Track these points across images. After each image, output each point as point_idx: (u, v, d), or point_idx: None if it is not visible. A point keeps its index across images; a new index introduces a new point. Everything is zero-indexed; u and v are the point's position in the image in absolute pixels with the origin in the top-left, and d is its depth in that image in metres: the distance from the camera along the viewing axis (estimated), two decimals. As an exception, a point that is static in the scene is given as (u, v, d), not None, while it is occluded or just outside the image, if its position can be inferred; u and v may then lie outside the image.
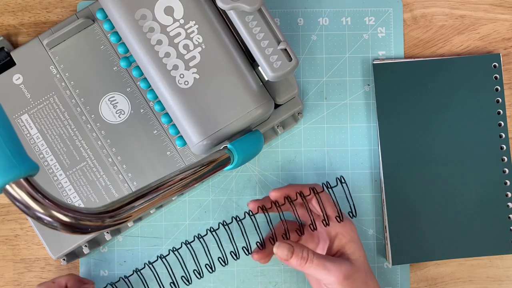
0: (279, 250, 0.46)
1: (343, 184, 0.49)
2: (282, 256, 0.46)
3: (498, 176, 0.56)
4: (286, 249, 0.46)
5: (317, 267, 0.46)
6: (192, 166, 0.42)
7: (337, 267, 0.46)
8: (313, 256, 0.46)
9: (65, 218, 0.32)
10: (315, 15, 0.58)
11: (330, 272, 0.46)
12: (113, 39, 0.51)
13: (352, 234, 0.49)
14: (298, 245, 0.47)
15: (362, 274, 0.48)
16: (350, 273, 0.46)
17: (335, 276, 0.45)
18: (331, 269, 0.46)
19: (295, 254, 0.46)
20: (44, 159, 0.52)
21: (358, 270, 0.47)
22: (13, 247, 0.56)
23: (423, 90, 0.56)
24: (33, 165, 0.31)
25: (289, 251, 0.46)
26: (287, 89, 0.50)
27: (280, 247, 0.46)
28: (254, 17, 0.44)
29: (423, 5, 0.58)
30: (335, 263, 0.46)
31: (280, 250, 0.46)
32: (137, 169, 0.52)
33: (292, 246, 0.46)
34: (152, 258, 0.56)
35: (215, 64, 0.46)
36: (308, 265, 0.46)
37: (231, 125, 0.46)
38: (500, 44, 0.58)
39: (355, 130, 0.57)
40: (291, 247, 0.46)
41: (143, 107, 0.52)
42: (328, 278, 0.46)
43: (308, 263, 0.46)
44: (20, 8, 0.57)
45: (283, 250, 0.46)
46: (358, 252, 0.48)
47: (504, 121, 0.57)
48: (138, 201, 0.37)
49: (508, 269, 0.57)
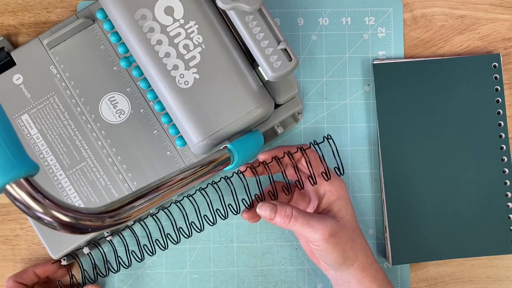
0: (262, 210, 0.47)
1: (329, 140, 0.49)
2: (265, 215, 0.46)
3: (498, 176, 0.56)
4: (269, 208, 0.46)
5: (301, 225, 0.46)
6: (192, 166, 0.42)
7: (322, 224, 0.46)
8: (297, 214, 0.46)
9: (65, 218, 0.32)
10: (315, 15, 0.58)
11: (315, 229, 0.45)
12: (113, 39, 0.51)
13: (341, 192, 0.48)
14: (281, 204, 0.47)
15: (349, 232, 0.47)
16: (336, 230, 0.46)
17: (320, 233, 0.45)
18: (315, 226, 0.45)
19: (278, 213, 0.46)
20: (44, 159, 0.52)
21: (344, 227, 0.47)
22: (13, 247, 0.56)
23: (423, 90, 0.56)
24: (33, 165, 0.31)
25: (272, 210, 0.46)
26: (287, 89, 0.50)
27: (262, 207, 0.47)
28: (254, 17, 0.44)
29: (423, 5, 0.58)
30: (320, 220, 0.46)
31: (263, 210, 0.46)
32: (137, 169, 0.52)
33: (275, 205, 0.46)
34: (152, 258, 0.56)
35: (215, 64, 0.46)
36: (292, 223, 0.46)
37: (231, 125, 0.46)
38: (500, 44, 0.58)
39: (355, 130, 0.57)
40: (274, 206, 0.46)
41: (143, 107, 0.52)
42: (313, 235, 0.46)
43: (293, 221, 0.46)
44: (20, 8, 0.57)
45: (266, 210, 0.46)
46: (345, 209, 0.48)
47: (504, 121, 0.57)
48: (138, 201, 0.37)
49: (508, 269, 0.57)
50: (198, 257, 0.56)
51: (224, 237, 0.56)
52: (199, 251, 0.56)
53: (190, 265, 0.56)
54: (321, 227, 0.45)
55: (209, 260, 0.56)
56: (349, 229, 0.47)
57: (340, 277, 0.49)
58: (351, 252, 0.47)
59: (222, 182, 0.49)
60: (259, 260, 0.56)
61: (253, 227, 0.56)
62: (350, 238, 0.47)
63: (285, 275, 0.56)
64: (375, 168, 0.57)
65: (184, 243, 0.56)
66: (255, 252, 0.56)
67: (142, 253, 0.52)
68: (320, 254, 0.47)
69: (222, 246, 0.56)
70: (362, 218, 0.57)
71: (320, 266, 0.52)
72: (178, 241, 0.51)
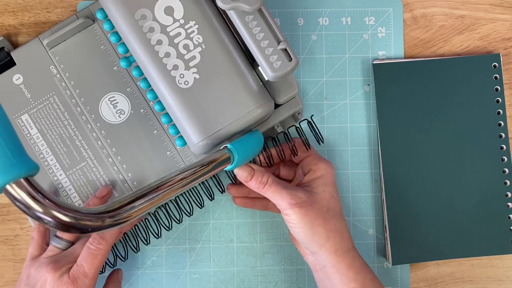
0: (240, 171, 0.48)
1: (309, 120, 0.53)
2: (242, 177, 0.48)
3: (498, 176, 0.56)
4: (247, 171, 0.48)
5: (273, 192, 0.47)
6: (192, 166, 0.42)
7: (291, 194, 0.47)
8: (272, 182, 0.47)
9: (65, 218, 0.32)
10: (315, 15, 0.58)
11: (283, 197, 0.47)
12: (113, 39, 0.51)
13: (324, 173, 0.50)
14: (260, 170, 0.48)
15: (321, 208, 0.48)
16: (304, 202, 0.47)
17: (286, 201, 0.47)
18: (284, 195, 0.47)
19: (254, 177, 0.48)
20: (44, 159, 0.52)
21: (316, 202, 0.48)
22: (13, 247, 0.56)
23: (423, 90, 0.56)
24: (33, 165, 0.31)
25: (249, 174, 0.48)
26: (287, 89, 0.50)
27: (241, 168, 0.48)
28: (254, 17, 0.44)
29: (423, 5, 0.58)
30: (291, 190, 0.47)
31: (241, 171, 0.48)
32: (137, 169, 0.52)
33: (253, 169, 0.48)
34: (152, 258, 0.56)
35: (215, 64, 0.46)
36: (265, 189, 0.48)
37: (231, 125, 0.46)
38: (500, 44, 0.58)
39: (355, 130, 0.57)
40: (252, 170, 0.48)
41: (143, 107, 0.52)
42: (281, 203, 0.47)
43: (266, 188, 0.47)
44: (20, 8, 0.57)
45: (244, 172, 0.48)
46: (323, 187, 0.49)
47: (504, 121, 0.57)
48: (138, 201, 0.37)
49: (508, 269, 0.57)
50: (198, 257, 0.56)
51: (224, 237, 0.56)
52: (199, 251, 0.56)
53: (190, 265, 0.56)
54: (289, 195, 0.47)
55: (209, 260, 0.56)
56: (321, 206, 0.48)
57: (316, 262, 0.49)
58: (320, 228, 0.47)
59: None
60: (259, 260, 0.56)
61: (253, 227, 0.56)
62: (320, 215, 0.48)
63: (285, 275, 0.56)
64: (375, 168, 0.57)
65: (184, 243, 0.56)
66: (255, 252, 0.56)
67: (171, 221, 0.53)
68: (290, 226, 0.48)
69: (222, 246, 0.56)
70: (362, 218, 0.57)
71: (300, 250, 0.52)
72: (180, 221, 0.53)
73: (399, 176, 0.56)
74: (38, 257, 0.49)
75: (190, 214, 0.54)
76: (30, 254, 0.50)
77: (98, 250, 0.47)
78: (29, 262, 0.49)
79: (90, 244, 0.47)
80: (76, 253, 0.48)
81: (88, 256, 0.47)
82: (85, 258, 0.47)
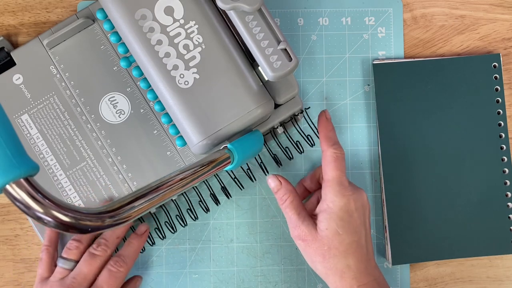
0: (270, 180, 0.50)
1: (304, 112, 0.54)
2: (270, 186, 0.50)
3: (498, 176, 0.56)
4: (274, 183, 0.50)
5: (286, 213, 0.49)
6: (192, 166, 0.42)
7: (298, 224, 0.48)
8: (289, 203, 0.49)
9: (65, 218, 0.32)
10: (315, 15, 0.58)
11: (291, 223, 0.49)
12: (113, 39, 0.51)
13: (330, 206, 0.47)
14: (285, 187, 0.49)
15: (322, 248, 0.47)
16: (306, 237, 0.48)
17: (292, 229, 0.49)
18: (293, 221, 0.48)
19: (278, 193, 0.50)
20: (44, 159, 0.52)
21: (317, 240, 0.47)
22: (13, 247, 0.56)
23: (423, 90, 0.56)
24: (33, 165, 0.31)
25: (275, 186, 0.50)
26: (287, 89, 0.50)
27: (271, 177, 0.50)
28: (254, 17, 0.44)
29: (423, 5, 0.58)
30: (300, 219, 0.48)
31: (271, 181, 0.50)
32: (137, 169, 0.52)
33: (280, 184, 0.50)
34: (152, 258, 0.56)
35: (215, 64, 0.46)
36: (283, 206, 0.49)
37: (231, 125, 0.46)
38: (500, 44, 0.58)
39: (355, 130, 0.57)
40: (279, 185, 0.50)
41: (143, 107, 0.52)
42: (289, 226, 0.49)
43: (283, 206, 0.49)
44: (20, 8, 0.57)
45: (272, 183, 0.50)
46: (327, 223, 0.47)
47: (504, 121, 0.57)
48: (138, 201, 0.37)
49: (508, 269, 0.57)
50: (198, 257, 0.56)
51: (224, 237, 0.56)
52: (199, 251, 0.56)
53: (190, 265, 0.56)
54: (296, 226, 0.48)
55: (209, 260, 0.56)
56: (321, 244, 0.47)
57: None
58: (319, 265, 0.48)
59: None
60: (259, 260, 0.56)
61: (253, 227, 0.56)
62: (319, 253, 0.47)
63: (285, 275, 0.56)
64: (375, 168, 0.57)
65: (184, 243, 0.56)
66: (255, 252, 0.56)
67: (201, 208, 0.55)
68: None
69: (222, 246, 0.56)
70: (362, 218, 0.57)
71: None
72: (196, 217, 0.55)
73: (399, 176, 0.56)
74: (47, 279, 0.50)
75: (195, 218, 0.55)
76: (39, 276, 0.50)
77: (119, 273, 0.50)
78: (38, 284, 0.50)
79: (111, 267, 0.49)
80: (82, 272, 0.49)
81: (110, 278, 0.49)
82: (107, 280, 0.49)
